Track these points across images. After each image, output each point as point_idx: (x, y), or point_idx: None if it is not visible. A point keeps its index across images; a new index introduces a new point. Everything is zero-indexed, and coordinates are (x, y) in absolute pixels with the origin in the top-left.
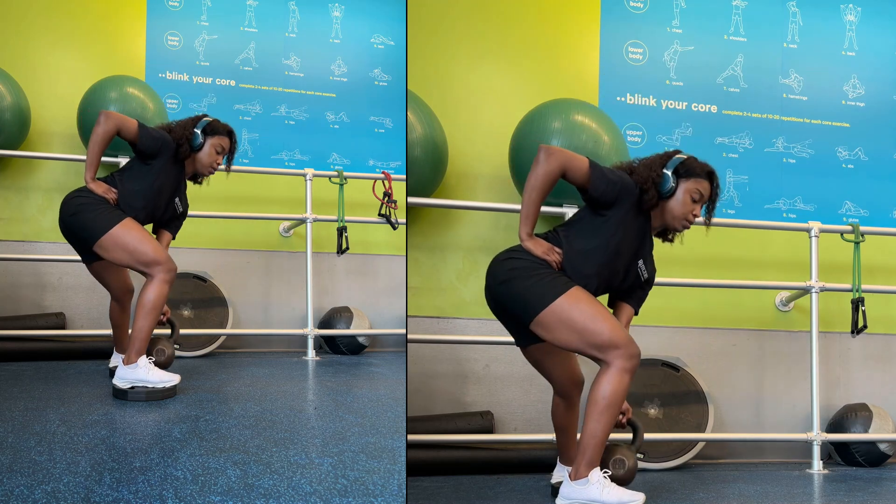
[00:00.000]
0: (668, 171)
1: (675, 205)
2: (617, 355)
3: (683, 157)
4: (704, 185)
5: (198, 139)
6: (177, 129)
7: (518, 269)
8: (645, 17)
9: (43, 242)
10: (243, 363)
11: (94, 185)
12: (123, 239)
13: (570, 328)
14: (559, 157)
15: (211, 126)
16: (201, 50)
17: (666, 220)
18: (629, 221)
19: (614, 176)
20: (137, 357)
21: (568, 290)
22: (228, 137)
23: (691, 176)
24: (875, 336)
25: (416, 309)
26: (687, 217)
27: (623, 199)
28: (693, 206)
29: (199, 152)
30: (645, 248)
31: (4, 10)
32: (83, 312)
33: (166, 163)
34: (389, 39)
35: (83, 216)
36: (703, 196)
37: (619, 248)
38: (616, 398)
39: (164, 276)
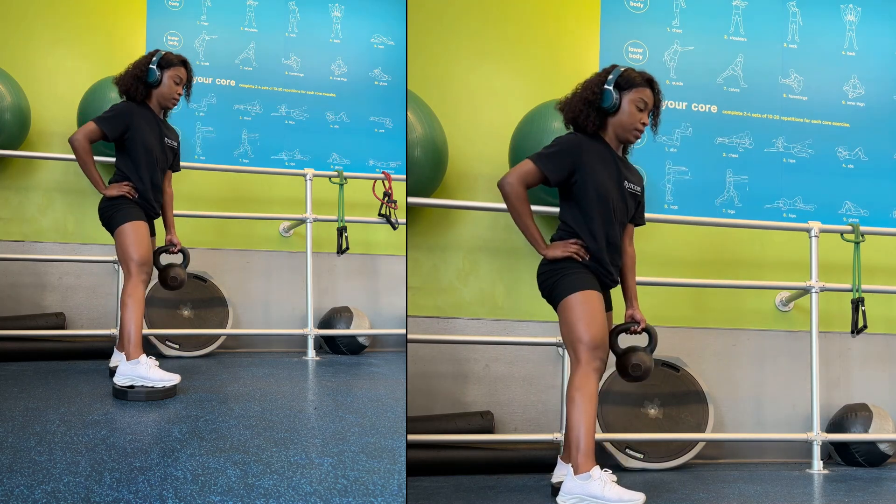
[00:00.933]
0: (608, 86)
1: (622, 117)
2: (591, 356)
3: (621, 69)
4: (646, 92)
5: (153, 74)
6: (127, 75)
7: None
8: (645, 17)
9: (43, 242)
10: (243, 363)
11: (109, 190)
12: (122, 237)
13: (567, 321)
14: (511, 179)
15: (164, 59)
16: (201, 50)
17: (617, 133)
18: (593, 165)
19: (553, 148)
20: (138, 353)
21: (582, 290)
22: (184, 66)
23: (632, 86)
24: (875, 336)
25: (416, 309)
26: (636, 126)
27: (575, 156)
28: (640, 114)
29: (159, 87)
30: (622, 169)
31: (4, 10)
32: (83, 312)
33: (138, 122)
34: (389, 39)
35: (106, 213)
36: (647, 104)
37: (601, 192)
38: (589, 389)
39: (139, 277)
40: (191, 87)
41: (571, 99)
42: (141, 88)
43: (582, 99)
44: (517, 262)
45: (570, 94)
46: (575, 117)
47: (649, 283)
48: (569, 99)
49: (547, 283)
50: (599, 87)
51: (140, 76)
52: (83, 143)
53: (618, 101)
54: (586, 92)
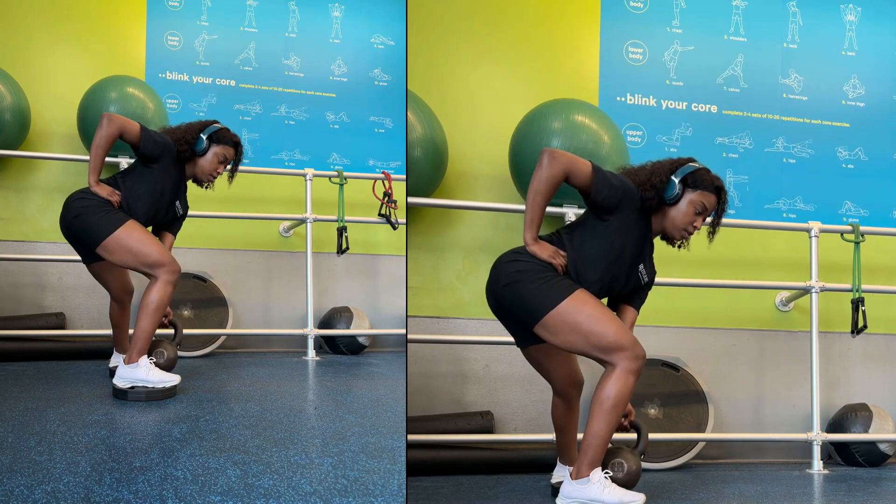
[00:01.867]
0: (675, 178)
1: (676, 213)
2: (622, 357)
3: (695, 167)
4: (711, 199)
5: (201, 144)
6: (180, 132)
7: (523, 272)
8: (645, 17)
9: (43, 242)
10: (243, 363)
11: (98, 187)
12: (127, 241)
13: (575, 331)
14: (562, 160)
15: (218, 134)
16: (201, 50)
17: (666, 226)
18: (631, 226)
19: (617, 181)
20: (139, 357)
21: (573, 293)
22: (234, 149)
23: (699, 188)
24: (875, 336)
25: (416, 309)
26: (687, 228)
27: (625, 205)
28: (695, 217)
29: (201, 158)
30: (645, 253)
31: (4, 10)
32: (83, 312)
33: (168, 166)
34: (389, 39)
35: (86, 218)
36: (706, 209)
37: (621, 253)
38: (620, 399)
39: (168, 278)
40: (236, 170)
41: (639, 172)
42: (185, 150)
43: (649, 181)
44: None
45: (637, 167)
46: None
47: None
48: (636, 171)
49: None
50: (667, 177)
51: (189, 141)
52: (114, 130)
53: (679, 196)
54: (655, 177)
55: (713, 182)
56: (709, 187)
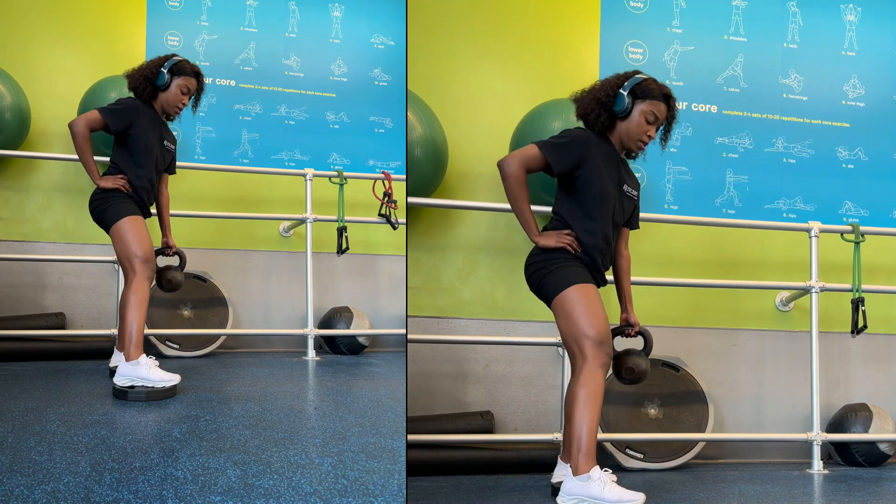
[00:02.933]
0: (623, 91)
1: (630, 125)
2: (594, 350)
3: (642, 77)
4: (660, 107)
5: (162, 78)
6: (139, 72)
7: (537, 264)
8: (645, 17)
9: (43, 242)
10: (243, 363)
11: (103, 182)
12: (121, 233)
13: (567, 317)
14: (513, 161)
15: (178, 66)
16: (201, 50)
17: (622, 140)
18: (598, 162)
19: (561, 139)
20: (138, 353)
21: (577, 284)
22: (195, 78)
23: (647, 97)
24: (875, 336)
25: (416, 309)
26: (641, 138)
27: (583, 152)
28: (648, 127)
29: (165, 91)
30: (622, 172)
31: (4, 10)
32: (83, 312)
33: (141, 121)
34: (389, 39)
35: (99, 208)
36: (657, 118)
37: (603, 191)
38: (595, 389)
39: (146, 273)
40: (199, 100)
41: (586, 95)
42: (148, 88)
43: (595, 98)
44: (517, 262)
45: (587, 89)
46: (586, 114)
47: (649, 283)
48: (584, 94)
49: (538, 275)
50: (614, 90)
51: (149, 77)
52: (83, 129)
53: (629, 108)
54: (601, 92)
55: (661, 90)
56: (657, 96)
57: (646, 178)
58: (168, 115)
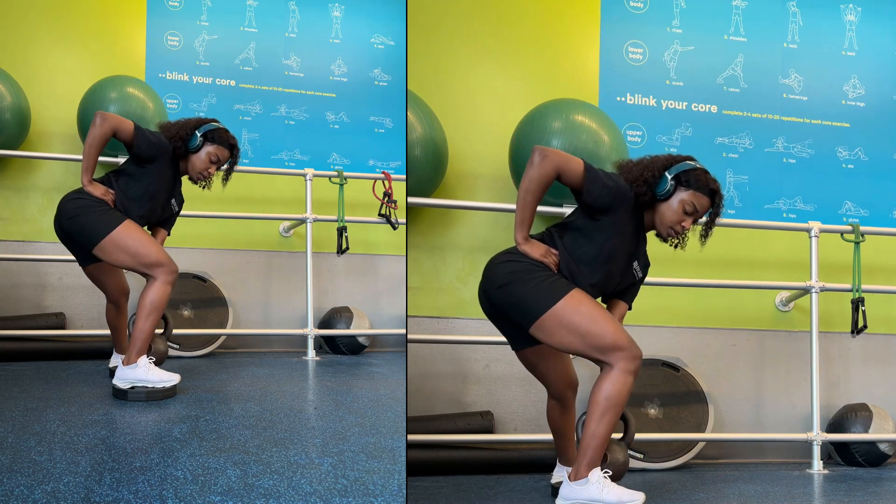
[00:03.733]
0: (669, 174)
1: (666, 210)
2: (620, 357)
3: (692, 166)
4: (703, 200)
5: (195, 141)
6: (176, 127)
7: (517, 272)
8: (645, 17)
9: (43, 242)
10: (243, 363)
11: (92, 187)
12: (125, 241)
13: (572, 331)
14: (554, 159)
15: (213, 133)
16: (201, 50)
17: (655, 223)
18: (624, 224)
19: (610, 181)
20: (138, 357)
21: (568, 293)
22: (229, 151)
23: (691, 187)
24: (875, 336)
25: (416, 309)
26: (674, 226)
27: (618, 204)
28: (684, 217)
29: (194, 155)
30: (640, 249)
31: (4, 10)
32: (83, 312)
33: (163, 165)
34: (389, 39)
35: (82, 219)
36: (697, 211)
37: (614, 252)
38: (618, 399)
39: (166, 278)
40: (231, 173)
41: (634, 167)
42: (179, 146)
43: (642, 176)
44: None
45: (634, 161)
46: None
47: (649, 283)
48: (631, 165)
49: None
50: (660, 171)
51: (183, 136)
52: (107, 129)
53: (670, 194)
54: (647, 172)
55: (708, 184)
56: (703, 188)
57: None
58: (192, 179)
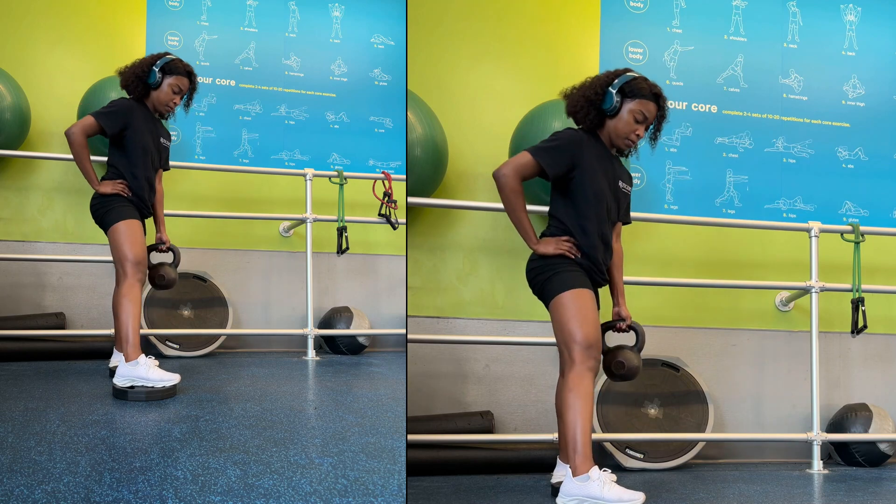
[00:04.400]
0: (612, 89)
1: (618, 123)
2: (580, 352)
3: (632, 76)
4: (650, 106)
5: (153, 77)
6: (130, 70)
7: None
8: (645, 17)
9: (43, 242)
10: (243, 363)
11: (102, 187)
12: (117, 235)
13: (559, 319)
14: (508, 171)
15: (170, 65)
16: (201, 50)
17: (612, 138)
18: (592, 162)
19: (553, 142)
20: (137, 353)
21: (573, 289)
22: (188, 78)
23: (636, 96)
24: (875, 336)
25: (416, 309)
26: (629, 136)
27: (576, 152)
28: (636, 126)
29: (156, 91)
30: (616, 169)
31: (4, 10)
32: (83, 312)
33: (136, 122)
34: (389, 39)
35: (98, 213)
36: (647, 117)
37: (598, 190)
38: (582, 390)
39: (136, 276)
40: (191, 99)
41: (576, 92)
42: (140, 87)
43: (584, 95)
44: (517, 262)
45: (577, 86)
46: (575, 111)
47: (649, 283)
48: (574, 91)
49: (538, 280)
50: (603, 88)
51: (141, 75)
52: (79, 137)
53: (618, 106)
54: (590, 90)
55: (651, 89)
56: (647, 95)
57: (646, 178)
58: (160, 113)
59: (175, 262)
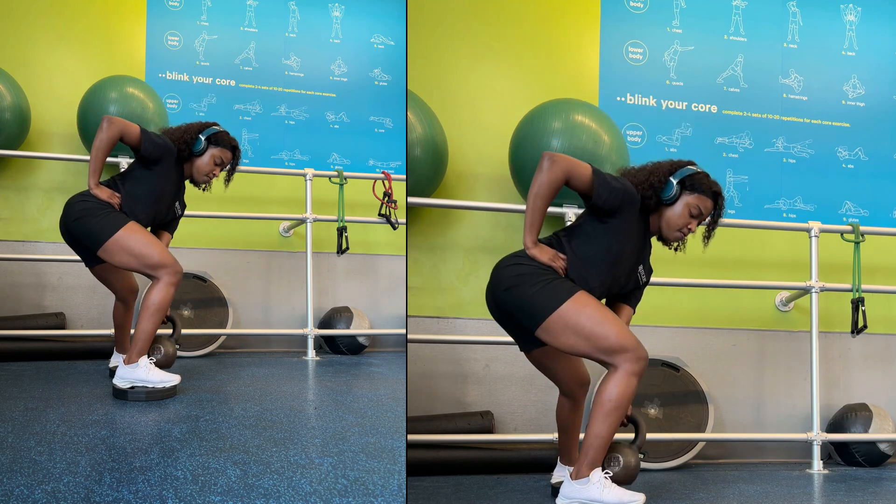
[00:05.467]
0: (674, 179)
1: (672, 215)
2: (625, 359)
3: (694, 171)
4: (707, 203)
5: (199, 145)
6: (179, 132)
7: (524, 276)
8: (645, 17)
9: (43, 242)
10: (243, 363)
11: (99, 190)
12: (128, 243)
13: (577, 333)
14: (563, 164)
15: (216, 136)
16: (201, 50)
17: (661, 227)
18: (631, 228)
19: (617, 184)
20: (138, 357)
21: (574, 295)
22: (232, 153)
23: (696, 191)
24: (875, 336)
25: (416, 309)
26: (681, 229)
27: (626, 207)
28: (690, 220)
29: (198, 159)
30: (644, 253)
31: (4, 11)
32: (83, 312)
33: (168, 168)
34: (389, 39)
35: (87, 221)
36: (702, 213)
37: (620, 255)
38: (622, 401)
39: (170, 279)
40: (233, 174)
41: (638, 173)
42: (184, 150)
43: (649, 181)
44: None
45: (637, 168)
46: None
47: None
48: (636, 171)
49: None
50: (666, 177)
51: (188, 141)
52: (115, 132)
53: (676, 198)
54: (653, 177)
55: (711, 187)
56: (706, 192)
57: None
58: (196, 182)
59: (174, 336)
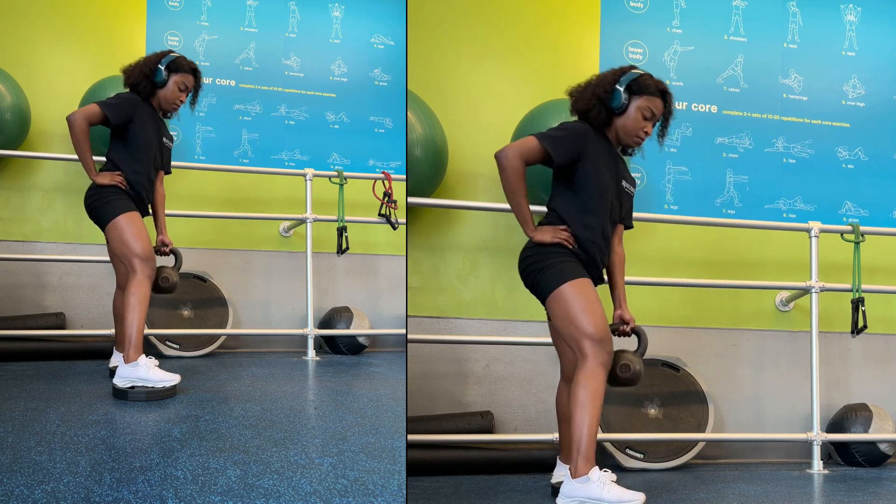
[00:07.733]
0: (620, 86)
1: (626, 122)
2: (592, 346)
3: (638, 73)
4: (657, 102)
5: (160, 75)
6: (136, 69)
7: (533, 262)
8: (645, 17)
9: (43, 242)
10: (243, 363)
11: (100, 178)
12: (121, 229)
13: (565, 314)
14: (511, 153)
15: (175, 63)
16: (201, 50)
17: (619, 136)
18: (598, 155)
19: (561, 132)
20: (137, 355)
21: (573, 280)
22: (193, 75)
23: (644, 93)
24: (875, 336)
25: (416, 309)
26: (638, 133)
27: (582, 144)
28: (644, 123)
29: (162, 89)
30: (620, 168)
31: (4, 10)
32: (83, 312)
33: (141, 116)
34: (389, 39)
35: (95, 206)
36: (654, 114)
37: (603, 184)
38: (595, 389)
39: (146, 272)
40: (197, 97)
41: (584, 90)
42: (146, 85)
43: (594, 93)
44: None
45: (583, 84)
46: (587, 109)
47: (649, 283)
48: (581, 89)
49: (532, 269)
50: (611, 86)
51: (147, 74)
52: (82, 122)
53: (626, 104)
54: (598, 88)
55: (657, 86)
56: (654, 91)
57: (646, 178)
58: (165, 112)
59: (177, 266)
